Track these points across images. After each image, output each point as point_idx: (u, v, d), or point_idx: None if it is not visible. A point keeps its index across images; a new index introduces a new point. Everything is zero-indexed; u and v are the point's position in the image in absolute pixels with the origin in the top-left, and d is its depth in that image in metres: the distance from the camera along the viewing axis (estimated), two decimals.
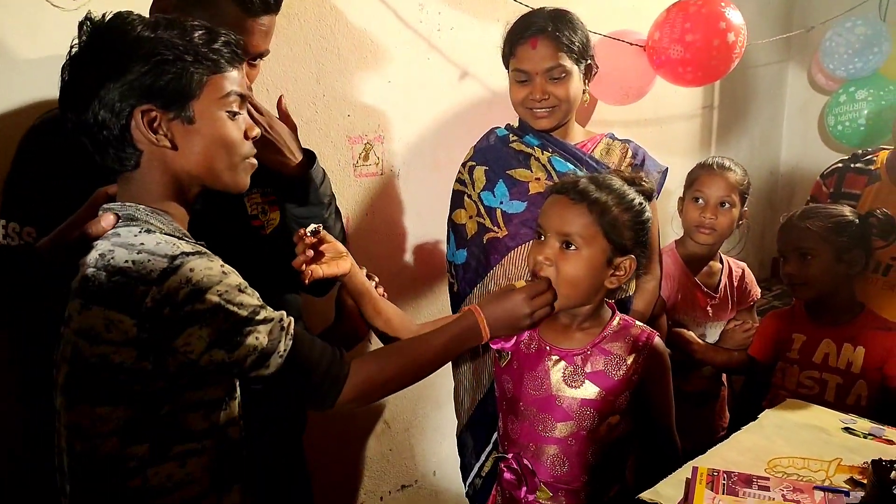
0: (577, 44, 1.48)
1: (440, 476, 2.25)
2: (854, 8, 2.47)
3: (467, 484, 1.63)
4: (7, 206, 1.13)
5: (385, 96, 1.88)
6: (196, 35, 0.91)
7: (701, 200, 1.81)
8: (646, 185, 1.26)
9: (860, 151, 1.98)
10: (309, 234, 1.14)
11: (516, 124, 1.62)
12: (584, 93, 1.56)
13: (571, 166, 1.52)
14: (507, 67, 1.57)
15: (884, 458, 1.13)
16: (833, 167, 2.00)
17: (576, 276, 1.17)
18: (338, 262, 1.17)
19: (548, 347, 1.26)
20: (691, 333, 1.85)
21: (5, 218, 1.11)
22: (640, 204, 1.22)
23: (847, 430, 1.38)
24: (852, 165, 1.94)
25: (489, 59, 2.04)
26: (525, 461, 1.27)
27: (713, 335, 1.89)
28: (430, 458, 2.23)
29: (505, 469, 1.30)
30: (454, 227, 1.61)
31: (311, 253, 1.14)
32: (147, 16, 1.11)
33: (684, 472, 1.24)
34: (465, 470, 1.63)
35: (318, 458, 1.68)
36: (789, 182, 3.37)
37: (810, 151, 3.24)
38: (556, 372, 1.25)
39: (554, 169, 1.52)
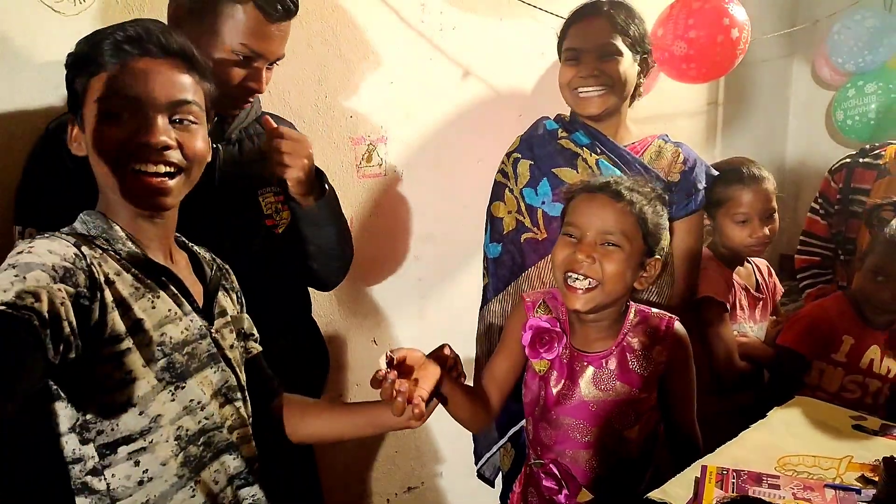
0: (633, 30, 1.45)
1: (446, 478, 2.24)
2: (859, 0, 2.45)
3: (477, 469, 1.66)
4: (22, 212, 1.13)
5: (388, 97, 1.87)
6: (87, 40, 0.90)
7: (745, 220, 1.68)
8: (660, 191, 1.26)
9: (867, 146, 1.97)
10: (386, 368, 0.97)
11: (566, 116, 1.58)
12: (638, 87, 1.52)
13: (618, 172, 1.46)
14: (560, 57, 1.52)
15: (895, 456, 1.12)
16: (841, 162, 1.98)
17: (617, 274, 1.17)
18: (426, 371, 1.02)
19: (578, 354, 1.27)
20: (758, 340, 1.79)
21: (22, 224, 1.11)
22: (664, 208, 1.25)
23: (858, 427, 1.37)
24: (860, 160, 1.93)
25: (492, 59, 2.04)
26: (565, 465, 1.27)
27: (761, 335, 1.83)
28: (437, 460, 2.22)
29: (543, 475, 1.29)
30: (491, 220, 1.59)
31: (403, 386, 0.96)
32: (158, 19, 1.12)
33: (693, 470, 1.23)
34: (477, 457, 1.65)
35: (325, 460, 1.68)
36: (796, 178, 3.34)
37: (816, 147, 3.21)
38: (588, 378, 1.25)
39: (600, 172, 1.48)
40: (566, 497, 1.27)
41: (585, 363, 1.25)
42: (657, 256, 1.22)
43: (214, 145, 1.22)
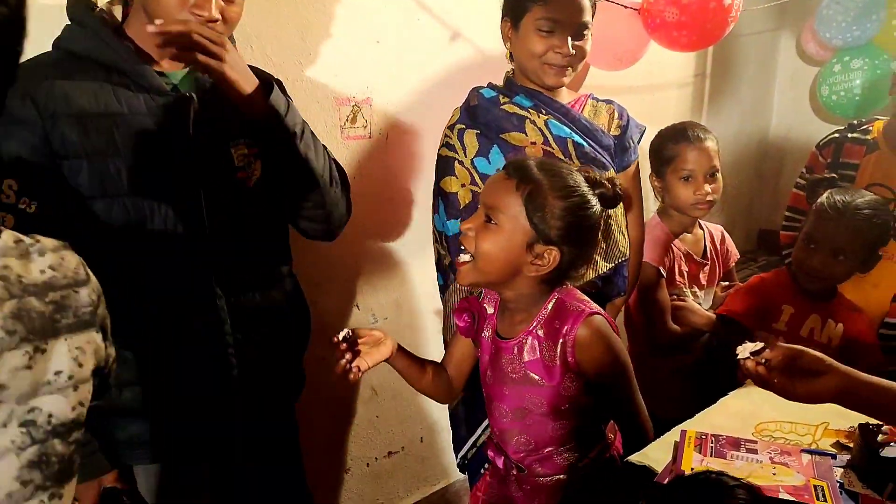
0: (594, 3, 1.47)
1: (427, 443, 2.26)
2: None
3: (459, 456, 1.62)
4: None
5: (374, 57, 1.82)
6: None
7: (689, 178, 1.75)
8: (609, 189, 1.17)
9: (855, 122, 1.97)
10: (341, 341, 1.19)
11: (499, 84, 1.55)
12: None
13: (567, 129, 1.47)
14: (515, 18, 1.46)
15: (870, 423, 1.14)
16: (829, 137, 1.98)
17: (489, 252, 1.12)
18: (379, 348, 1.23)
19: (496, 338, 1.25)
20: (696, 305, 1.83)
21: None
22: (582, 197, 1.12)
23: None
24: (849, 135, 1.93)
25: (480, 21, 2.00)
26: (496, 441, 1.31)
27: (708, 301, 1.89)
28: (418, 425, 2.23)
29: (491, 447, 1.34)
30: (444, 196, 1.53)
31: (349, 355, 1.19)
32: None
33: (672, 435, 1.25)
34: (458, 444, 1.62)
35: (306, 422, 1.67)
36: (779, 152, 3.36)
37: (800, 121, 3.23)
38: (503, 362, 1.23)
39: (550, 133, 1.47)
40: (504, 470, 1.30)
41: (501, 347, 1.23)
42: (554, 247, 1.11)
43: (187, 93, 1.17)
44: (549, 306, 1.18)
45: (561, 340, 1.15)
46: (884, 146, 1.87)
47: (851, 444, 1.17)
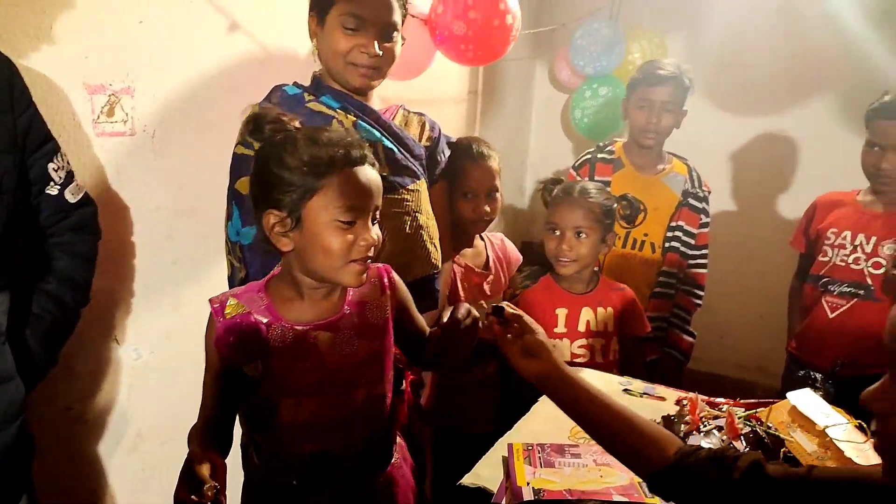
0: (405, 2, 1.40)
1: None
2: (597, 11, 2.75)
3: None
4: None
5: (136, 39, 1.53)
6: None
7: (470, 195, 1.77)
8: None
9: (602, 144, 2.20)
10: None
11: (305, 83, 1.44)
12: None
13: (378, 133, 1.39)
14: (321, 12, 1.37)
15: (670, 414, 1.23)
16: (583, 159, 2.19)
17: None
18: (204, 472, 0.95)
19: (307, 328, 1.10)
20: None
21: None
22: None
23: (625, 391, 1.50)
24: (598, 156, 2.15)
25: (262, 13, 1.82)
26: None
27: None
28: None
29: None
30: (238, 200, 1.34)
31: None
32: None
33: (498, 451, 1.22)
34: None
35: (47, 486, 1.32)
36: (536, 170, 3.67)
37: (553, 141, 3.56)
38: (327, 346, 1.11)
39: (359, 133, 1.36)
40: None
41: (319, 332, 1.11)
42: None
43: None
44: None
45: (382, 292, 1.18)
46: (626, 163, 2.11)
47: None
